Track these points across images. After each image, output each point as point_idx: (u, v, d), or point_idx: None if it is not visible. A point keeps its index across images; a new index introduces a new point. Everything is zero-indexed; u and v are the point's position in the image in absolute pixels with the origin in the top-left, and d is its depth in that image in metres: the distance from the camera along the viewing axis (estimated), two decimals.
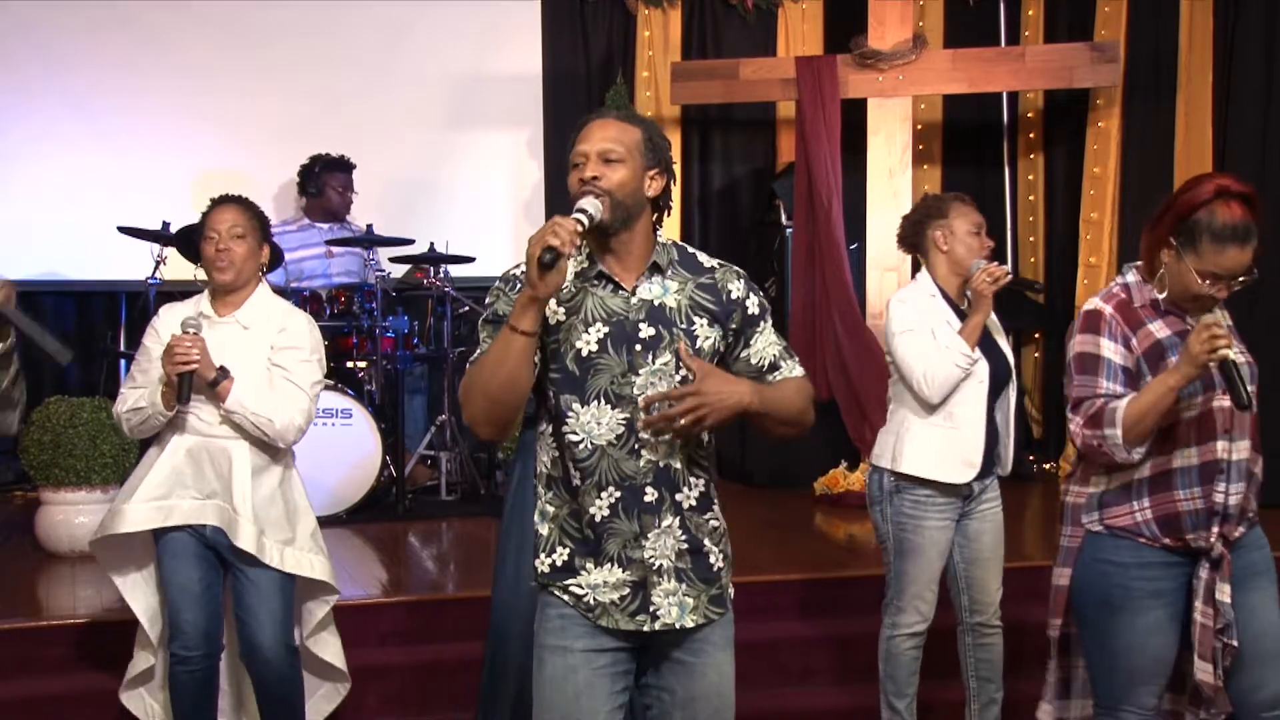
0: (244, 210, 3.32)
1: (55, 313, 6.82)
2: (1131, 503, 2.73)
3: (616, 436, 2.26)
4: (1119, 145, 6.71)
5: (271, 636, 3.23)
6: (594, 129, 2.31)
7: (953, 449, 3.40)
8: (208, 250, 3.27)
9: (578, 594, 2.30)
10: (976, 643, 3.57)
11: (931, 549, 3.44)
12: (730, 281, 2.38)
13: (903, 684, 3.53)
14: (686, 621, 2.31)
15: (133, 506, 3.22)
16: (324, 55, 6.81)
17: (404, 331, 5.93)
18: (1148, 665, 2.71)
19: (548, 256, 2.09)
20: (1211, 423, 2.66)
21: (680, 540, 2.31)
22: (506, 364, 2.17)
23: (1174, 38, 6.55)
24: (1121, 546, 2.73)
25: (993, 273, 3.39)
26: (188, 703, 3.26)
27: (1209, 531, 2.67)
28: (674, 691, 2.35)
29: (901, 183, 6.32)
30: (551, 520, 2.34)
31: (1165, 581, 2.71)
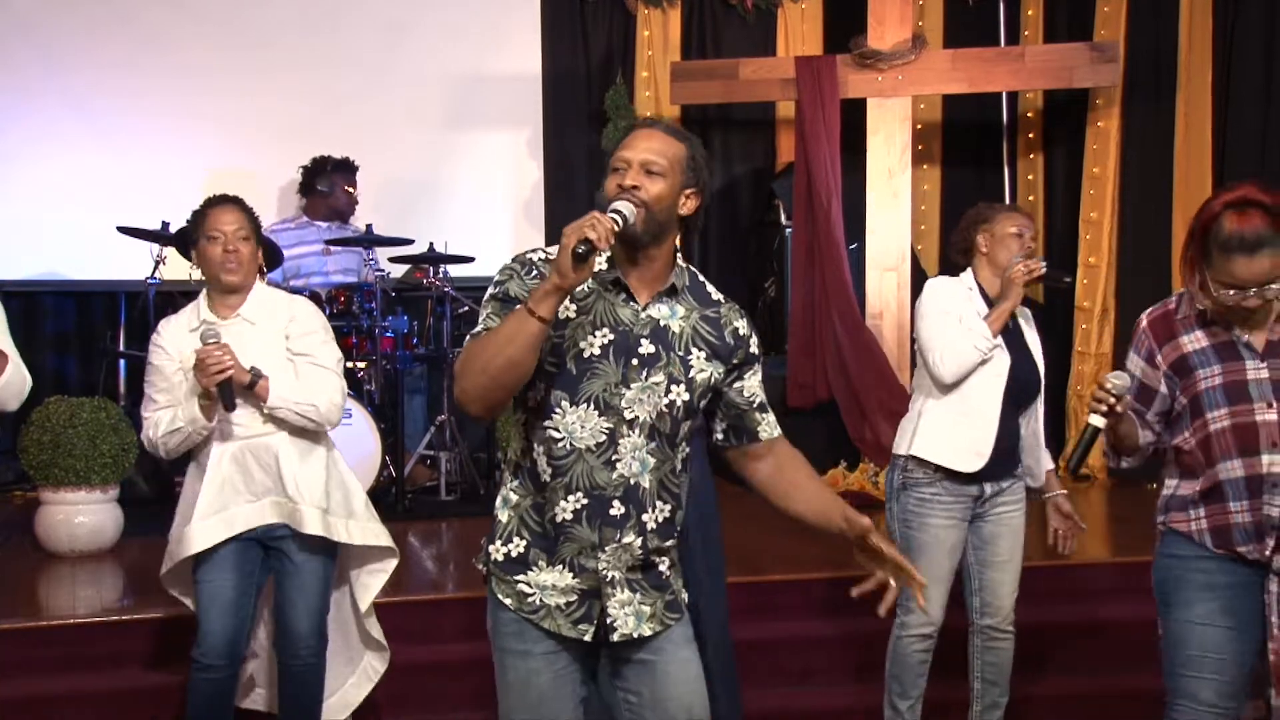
0: (244, 211, 3.32)
1: (55, 313, 6.83)
2: (1188, 510, 2.77)
3: (597, 443, 2.26)
4: (1119, 145, 6.72)
5: (308, 627, 3.28)
6: (640, 137, 2.30)
7: (963, 437, 3.41)
8: (214, 251, 3.24)
9: (524, 591, 2.29)
10: (985, 645, 3.57)
11: (937, 548, 3.44)
12: (735, 320, 2.40)
13: (908, 685, 3.53)
14: (644, 630, 2.32)
15: (195, 526, 3.21)
16: (324, 55, 6.81)
17: (404, 331, 5.93)
18: (1196, 656, 2.72)
19: (582, 248, 2.08)
20: (1254, 435, 2.65)
21: (636, 557, 2.31)
22: (514, 345, 2.14)
23: (1174, 38, 6.56)
24: (1180, 541, 2.78)
25: (1028, 264, 3.42)
26: (204, 709, 3.27)
27: (1262, 544, 2.66)
28: (641, 694, 2.35)
29: (901, 183, 6.32)
30: (513, 509, 2.33)
31: (1220, 575, 2.71)
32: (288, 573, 3.28)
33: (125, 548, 4.95)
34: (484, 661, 3.71)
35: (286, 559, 3.28)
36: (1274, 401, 2.65)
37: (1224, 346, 2.70)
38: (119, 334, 6.31)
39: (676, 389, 2.29)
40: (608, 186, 2.28)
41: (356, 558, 3.47)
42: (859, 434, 6.17)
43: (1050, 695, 4.03)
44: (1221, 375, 2.68)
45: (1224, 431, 2.67)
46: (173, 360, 3.25)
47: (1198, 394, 2.71)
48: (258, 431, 3.25)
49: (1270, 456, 2.64)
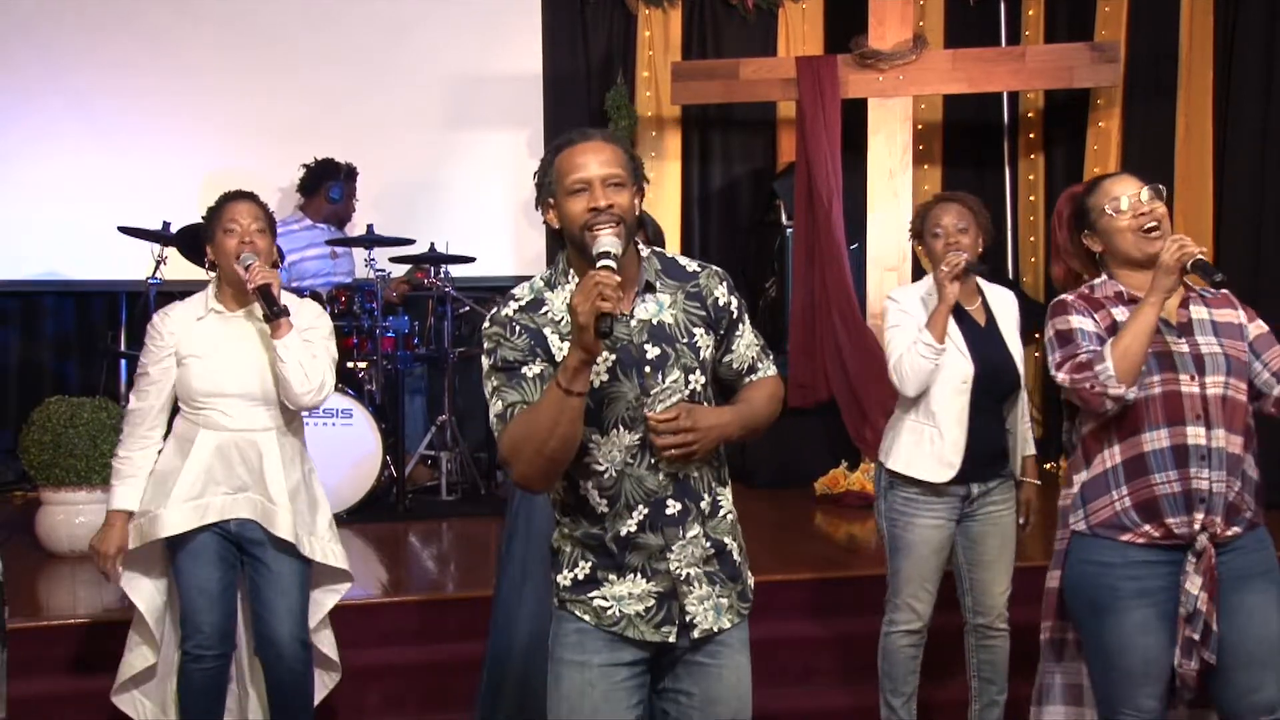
0: (260, 206, 3.33)
1: (55, 313, 6.83)
2: (1110, 492, 2.72)
3: (632, 456, 2.26)
4: (1119, 145, 6.71)
5: (289, 631, 3.25)
6: (590, 153, 2.22)
7: (930, 447, 3.42)
8: (230, 244, 3.23)
9: (601, 607, 2.28)
10: (980, 644, 3.57)
11: (923, 546, 3.45)
12: (715, 286, 2.35)
13: (899, 681, 3.53)
14: (724, 623, 2.33)
15: (170, 510, 3.20)
16: (324, 55, 6.82)
17: (404, 331, 5.93)
18: (1139, 666, 2.69)
19: (606, 325, 2.05)
20: (1178, 405, 2.66)
21: (706, 547, 2.31)
22: (562, 425, 2.13)
23: (1174, 37, 6.56)
24: (1105, 546, 2.72)
25: (948, 262, 3.40)
26: (200, 701, 3.26)
27: (1190, 518, 2.64)
28: (692, 694, 2.34)
29: (901, 183, 6.32)
30: (570, 539, 2.33)
31: (1151, 580, 2.69)
32: (266, 578, 3.25)
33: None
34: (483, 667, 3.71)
35: (262, 564, 3.25)
36: (1195, 375, 2.66)
37: None
38: (119, 334, 6.31)
39: (694, 377, 2.29)
40: (571, 210, 2.21)
41: (315, 576, 3.41)
42: (859, 434, 6.17)
43: None
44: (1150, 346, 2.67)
45: (1154, 399, 2.67)
46: (167, 347, 3.25)
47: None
48: (247, 426, 3.25)
49: (1194, 428, 2.64)
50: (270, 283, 3.18)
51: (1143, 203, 2.73)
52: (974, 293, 3.54)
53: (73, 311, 6.85)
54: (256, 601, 3.28)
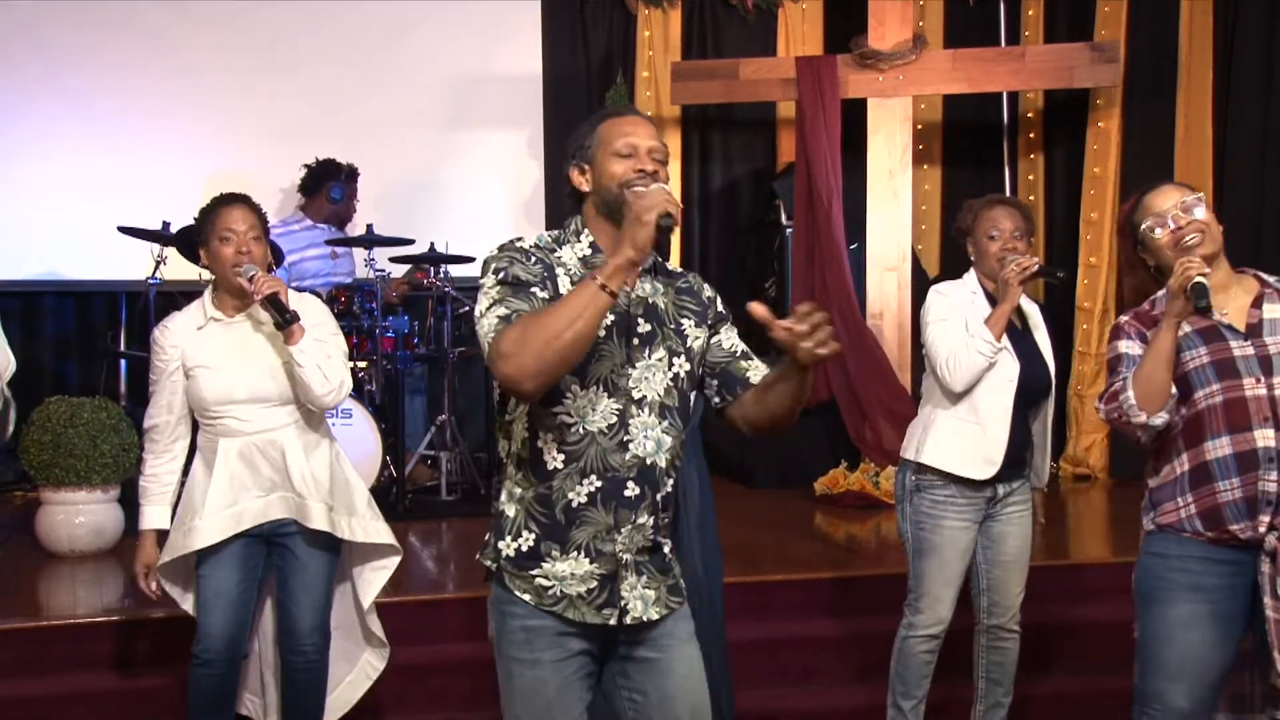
0: (254, 210, 3.31)
1: (55, 313, 6.83)
2: (1177, 499, 2.73)
3: (608, 425, 2.26)
4: (1119, 145, 6.71)
5: (311, 624, 3.28)
6: (641, 126, 2.31)
7: (975, 444, 3.40)
8: (226, 252, 3.22)
9: (543, 586, 2.28)
10: (991, 645, 3.57)
11: (950, 549, 3.43)
12: (703, 286, 2.46)
13: (912, 685, 3.52)
14: (651, 614, 2.32)
15: (205, 521, 3.20)
16: (324, 55, 6.82)
17: (404, 331, 5.93)
18: (1174, 660, 2.68)
19: (666, 221, 2.09)
20: (1243, 410, 2.64)
21: (647, 538, 2.32)
22: (583, 320, 2.10)
23: (1174, 38, 6.56)
24: (1168, 540, 2.74)
25: (1021, 263, 3.39)
26: (205, 704, 3.27)
27: (1255, 522, 2.63)
28: (647, 693, 2.35)
29: (901, 183, 6.32)
30: (518, 502, 2.32)
31: (1206, 577, 2.68)
32: (293, 569, 3.28)
33: (125, 548, 4.94)
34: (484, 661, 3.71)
35: (292, 555, 3.28)
36: (1262, 377, 2.64)
37: (1207, 330, 2.71)
38: (119, 334, 6.31)
39: (678, 361, 2.32)
40: (615, 169, 2.26)
41: (359, 555, 3.47)
42: (859, 434, 6.17)
43: (1052, 695, 4.03)
44: (1208, 354, 2.69)
45: (1215, 408, 2.66)
46: (173, 360, 3.26)
47: (1186, 373, 2.70)
48: (265, 427, 3.26)
49: (1262, 430, 2.62)
50: (277, 290, 3.18)
51: (1181, 215, 2.73)
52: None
53: (73, 311, 6.85)
54: (282, 593, 3.31)
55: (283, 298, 3.18)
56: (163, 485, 3.30)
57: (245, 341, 3.26)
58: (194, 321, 3.30)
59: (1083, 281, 6.74)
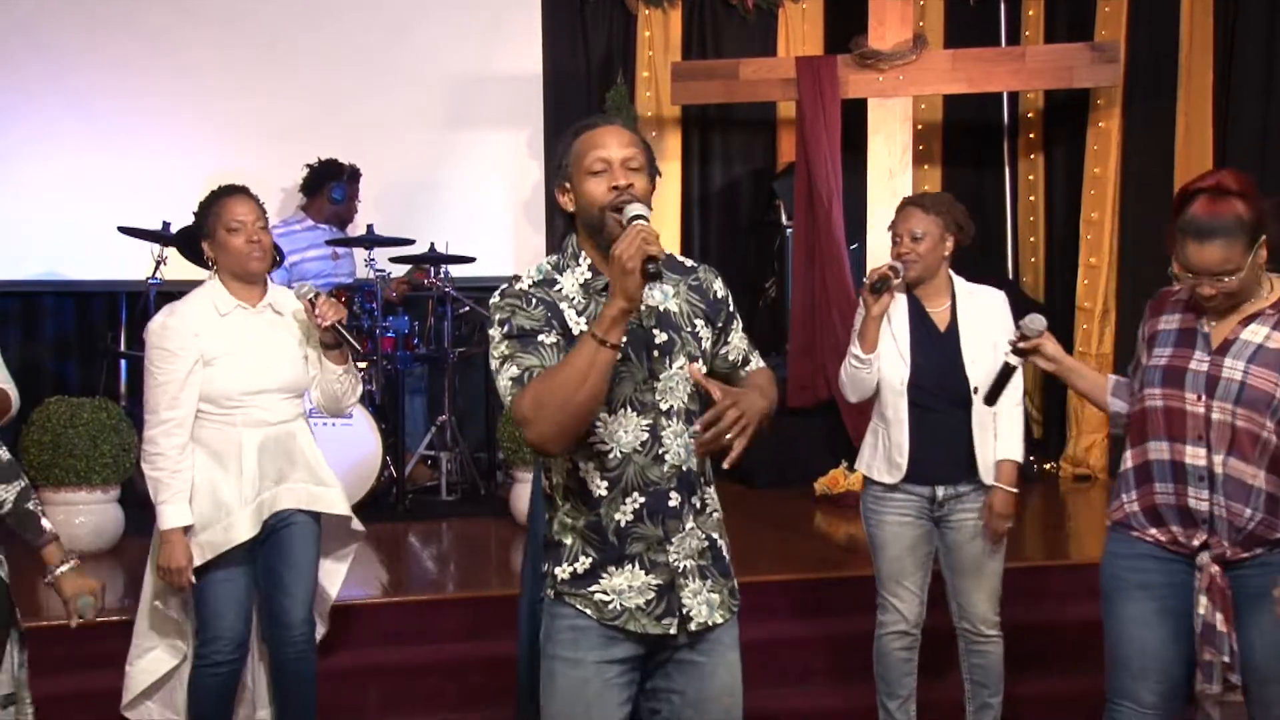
0: (257, 202, 3.33)
1: (55, 313, 6.83)
2: (1124, 494, 2.78)
3: (641, 443, 2.26)
4: (1119, 145, 6.71)
5: (302, 614, 3.28)
6: (611, 136, 2.27)
7: (882, 449, 3.51)
8: (236, 241, 3.22)
9: (602, 601, 2.28)
10: (970, 649, 3.57)
11: (895, 544, 3.47)
12: (712, 281, 2.42)
13: (894, 684, 3.54)
14: (716, 618, 2.33)
15: (239, 515, 3.20)
16: (324, 55, 6.81)
17: (404, 331, 5.93)
18: (1134, 657, 2.71)
19: (653, 266, 2.07)
20: (1180, 422, 2.66)
21: (701, 540, 2.33)
22: (593, 378, 2.11)
23: (1174, 38, 6.55)
24: (1118, 538, 2.79)
25: (869, 276, 3.46)
26: (212, 704, 3.27)
27: (1189, 531, 2.66)
28: (684, 693, 2.34)
29: (901, 183, 6.32)
30: (572, 531, 2.32)
31: (1154, 575, 2.70)
32: (286, 562, 3.27)
33: (125, 548, 4.95)
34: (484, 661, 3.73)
35: (286, 547, 3.28)
36: (1203, 396, 2.63)
37: (1186, 332, 2.70)
38: (119, 334, 6.30)
39: (697, 366, 2.32)
40: (591, 190, 2.24)
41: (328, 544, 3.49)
42: (859, 434, 6.10)
43: (1045, 695, 4.02)
44: (1168, 358, 2.69)
45: (1156, 411, 2.69)
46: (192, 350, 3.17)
47: (1144, 368, 2.75)
48: (285, 417, 3.28)
49: (1194, 448, 2.64)
50: (342, 317, 3.23)
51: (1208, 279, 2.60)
52: (941, 294, 3.53)
53: (73, 311, 6.84)
54: (272, 585, 3.28)
55: (344, 323, 3.24)
56: (185, 481, 3.19)
57: (268, 331, 3.27)
58: (212, 309, 3.25)
59: (1083, 281, 6.74)
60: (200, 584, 3.24)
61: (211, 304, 3.26)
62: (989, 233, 7.14)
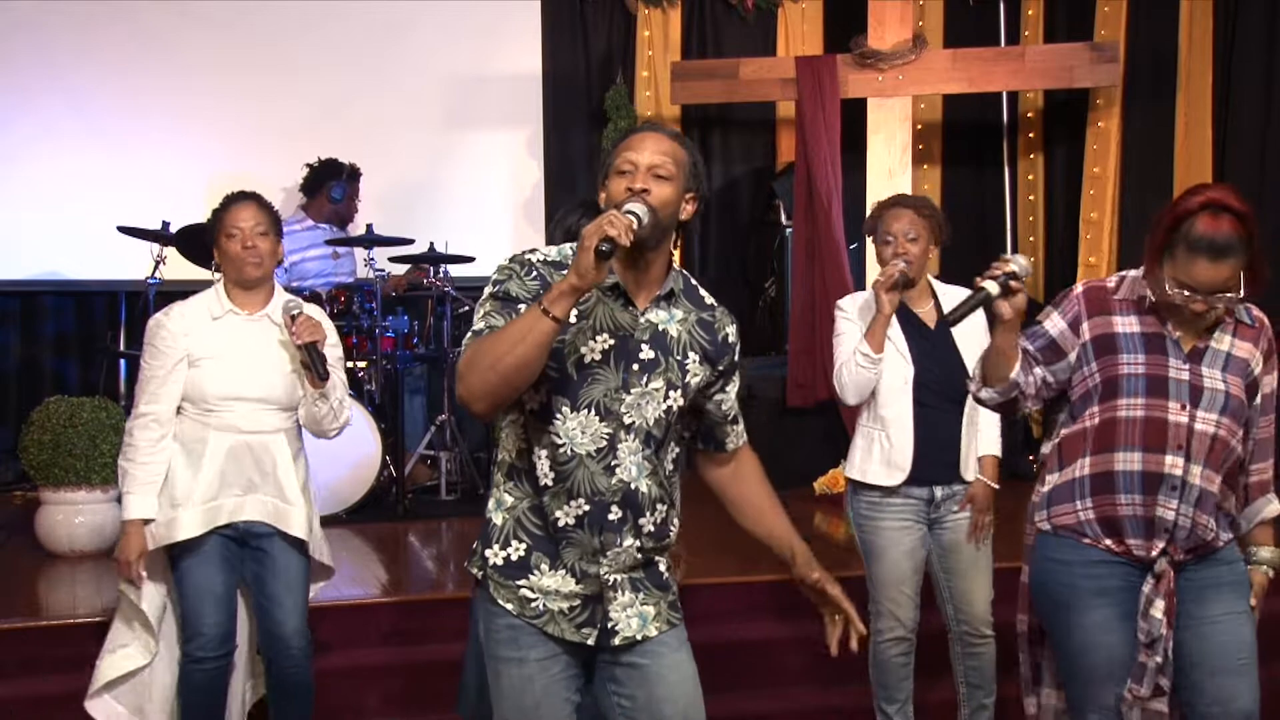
0: (262, 207, 3.32)
1: (55, 313, 6.83)
2: (1075, 501, 2.70)
3: (597, 449, 2.25)
4: (1119, 145, 6.72)
5: (294, 625, 3.26)
6: (648, 140, 2.28)
7: (881, 451, 3.43)
8: (233, 248, 3.23)
9: (526, 597, 2.28)
10: (965, 651, 3.55)
11: (893, 550, 3.44)
12: (727, 325, 2.40)
13: (893, 689, 3.53)
14: (650, 631, 2.31)
15: (188, 513, 3.20)
16: (324, 55, 6.82)
17: (404, 331, 5.93)
18: (1102, 665, 2.67)
19: (605, 247, 2.07)
20: (1161, 432, 2.62)
21: (635, 558, 2.31)
22: (525, 344, 2.11)
23: (1174, 38, 6.56)
24: (1065, 545, 2.71)
25: (884, 272, 3.41)
26: (203, 702, 3.27)
27: (1150, 543, 2.63)
28: (635, 698, 2.33)
29: (901, 183, 6.32)
30: (508, 510, 2.32)
31: (1111, 580, 2.67)
32: (273, 572, 3.26)
33: None
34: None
35: (270, 558, 3.26)
36: (1188, 404, 2.61)
37: (1153, 338, 2.66)
38: (119, 334, 6.31)
39: (674, 394, 2.29)
40: (613, 188, 2.25)
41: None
42: None
43: None
44: (1145, 365, 2.64)
45: (1134, 421, 2.63)
46: (179, 349, 3.22)
47: (1117, 377, 2.65)
48: (262, 428, 3.26)
49: (1173, 458, 2.61)
50: (318, 340, 3.19)
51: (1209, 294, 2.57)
52: (925, 295, 3.53)
53: (73, 311, 6.85)
54: (262, 596, 3.28)
55: (321, 347, 3.20)
56: (153, 475, 3.23)
57: (260, 339, 3.26)
58: (206, 312, 3.28)
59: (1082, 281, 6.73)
60: (177, 581, 3.27)
61: (207, 307, 3.29)
62: (989, 232, 7.15)
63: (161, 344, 3.24)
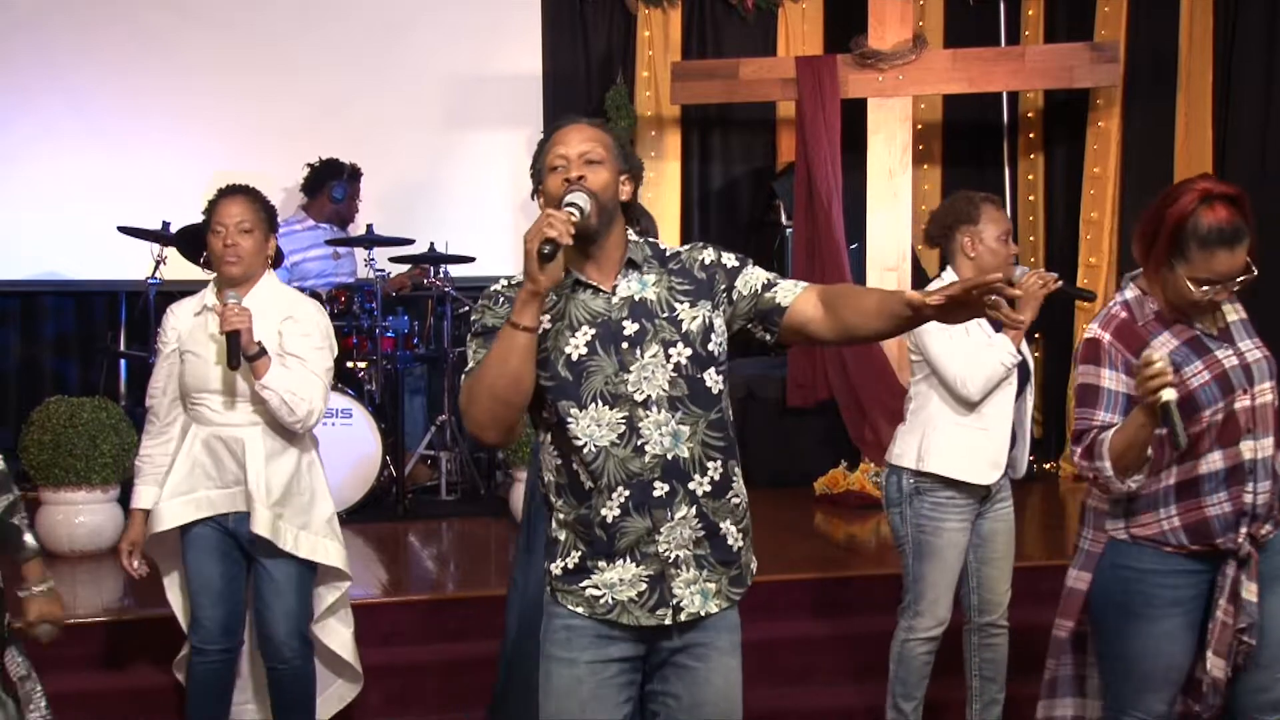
0: (251, 202, 3.30)
1: (55, 313, 6.83)
2: (1159, 510, 2.69)
3: (618, 435, 2.25)
4: (1119, 145, 6.72)
5: (285, 630, 3.26)
6: (570, 133, 2.31)
7: (981, 449, 3.40)
8: (215, 244, 3.25)
9: (594, 595, 2.28)
10: (983, 643, 3.57)
11: (950, 551, 3.43)
12: (698, 254, 2.37)
13: (912, 686, 3.53)
14: (710, 607, 2.31)
15: (166, 505, 3.25)
16: (324, 55, 6.81)
17: (404, 331, 5.94)
18: (1160, 673, 2.69)
19: (547, 248, 2.11)
20: (1235, 424, 2.64)
21: (696, 529, 2.30)
22: (510, 363, 2.16)
23: (1174, 38, 6.56)
24: (1145, 554, 2.70)
25: (1044, 277, 3.37)
26: (204, 694, 3.29)
27: (1237, 533, 2.64)
28: (680, 697, 2.34)
29: (901, 183, 6.32)
30: (566, 526, 2.33)
31: (1187, 589, 2.68)
32: (262, 578, 3.29)
33: None
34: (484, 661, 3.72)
35: (259, 564, 3.28)
36: (1248, 387, 2.64)
37: (1194, 342, 2.67)
38: (119, 334, 6.30)
39: (675, 350, 2.28)
40: (550, 185, 2.28)
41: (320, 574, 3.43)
42: (859, 434, 6.17)
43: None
44: (1207, 369, 2.64)
45: (1215, 425, 2.64)
46: (170, 342, 3.32)
47: (1192, 392, 2.63)
48: (230, 421, 3.26)
49: (1247, 442, 2.63)
50: (239, 330, 3.13)
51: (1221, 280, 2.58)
52: None
53: (73, 311, 6.84)
54: (257, 600, 3.32)
55: (245, 339, 3.14)
56: (154, 465, 3.33)
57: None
58: (193, 308, 3.34)
59: (1082, 281, 6.74)
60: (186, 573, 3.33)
61: (197, 302, 3.34)
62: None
63: (160, 337, 3.36)
